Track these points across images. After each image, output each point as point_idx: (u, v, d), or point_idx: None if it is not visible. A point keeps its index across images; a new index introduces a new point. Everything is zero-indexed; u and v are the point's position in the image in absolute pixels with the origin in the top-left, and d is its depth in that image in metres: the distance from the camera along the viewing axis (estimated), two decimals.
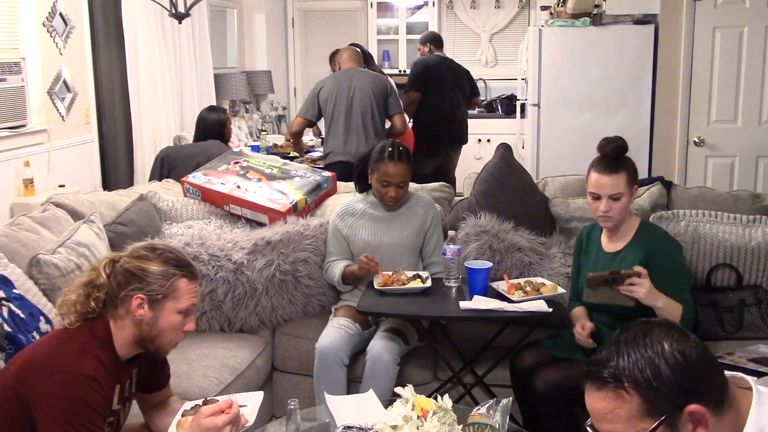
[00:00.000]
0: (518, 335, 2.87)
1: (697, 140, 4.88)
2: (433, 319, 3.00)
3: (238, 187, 3.50)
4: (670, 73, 4.89)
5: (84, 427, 1.76)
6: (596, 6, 5.22)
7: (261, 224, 3.40)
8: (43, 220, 2.92)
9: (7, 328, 2.24)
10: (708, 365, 1.29)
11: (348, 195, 3.45)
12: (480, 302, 2.68)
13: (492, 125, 7.38)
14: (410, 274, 2.95)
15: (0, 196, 4.09)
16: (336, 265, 3.14)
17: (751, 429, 1.29)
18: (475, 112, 7.72)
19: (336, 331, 2.91)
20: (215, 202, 3.51)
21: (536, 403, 2.58)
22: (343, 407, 2.23)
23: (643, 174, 4.66)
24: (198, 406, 2.02)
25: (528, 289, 2.77)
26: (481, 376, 2.88)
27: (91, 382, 1.79)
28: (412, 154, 3.16)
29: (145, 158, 5.32)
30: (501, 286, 2.79)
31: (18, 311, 2.32)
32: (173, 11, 4.33)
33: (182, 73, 5.90)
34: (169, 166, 4.32)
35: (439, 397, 2.00)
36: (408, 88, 5.70)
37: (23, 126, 4.24)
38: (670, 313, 2.41)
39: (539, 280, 2.88)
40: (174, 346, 2.00)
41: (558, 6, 5.58)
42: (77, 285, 1.94)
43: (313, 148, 6.02)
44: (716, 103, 4.84)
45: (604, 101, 5.18)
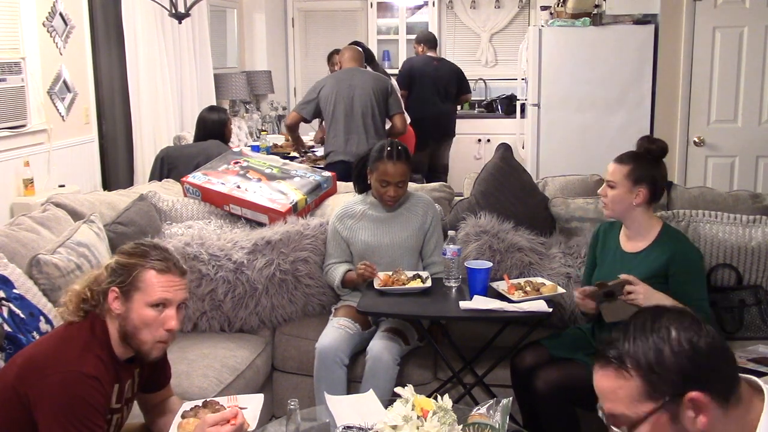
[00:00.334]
0: (518, 335, 2.87)
1: (697, 140, 4.87)
2: (433, 319, 3.00)
3: (238, 187, 3.50)
4: (670, 73, 4.88)
5: (84, 427, 1.76)
6: (596, 6, 5.21)
7: (261, 224, 3.40)
8: (43, 220, 2.92)
9: (7, 328, 2.24)
10: (717, 356, 1.29)
11: (348, 195, 3.44)
12: (480, 302, 2.68)
13: (492, 125, 7.39)
14: (410, 274, 2.94)
15: (0, 196, 4.08)
16: (336, 270, 3.14)
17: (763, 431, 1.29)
18: (475, 112, 7.75)
19: (336, 331, 2.91)
20: (215, 202, 3.51)
21: (536, 403, 2.58)
22: (343, 407, 2.22)
23: None
24: (197, 407, 2.02)
25: (528, 289, 2.76)
26: (481, 376, 2.88)
27: (91, 381, 1.79)
28: None
29: (145, 158, 5.32)
30: (501, 286, 2.79)
31: (18, 311, 2.32)
32: (173, 11, 4.33)
33: (182, 73, 5.89)
34: (169, 166, 4.31)
35: (439, 397, 2.00)
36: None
37: (23, 126, 4.24)
38: None
39: (539, 280, 2.87)
40: (159, 349, 1.93)
41: (558, 6, 5.57)
42: (84, 279, 1.99)
43: (313, 147, 6.02)
44: (716, 103, 4.83)
45: (604, 101, 5.17)
